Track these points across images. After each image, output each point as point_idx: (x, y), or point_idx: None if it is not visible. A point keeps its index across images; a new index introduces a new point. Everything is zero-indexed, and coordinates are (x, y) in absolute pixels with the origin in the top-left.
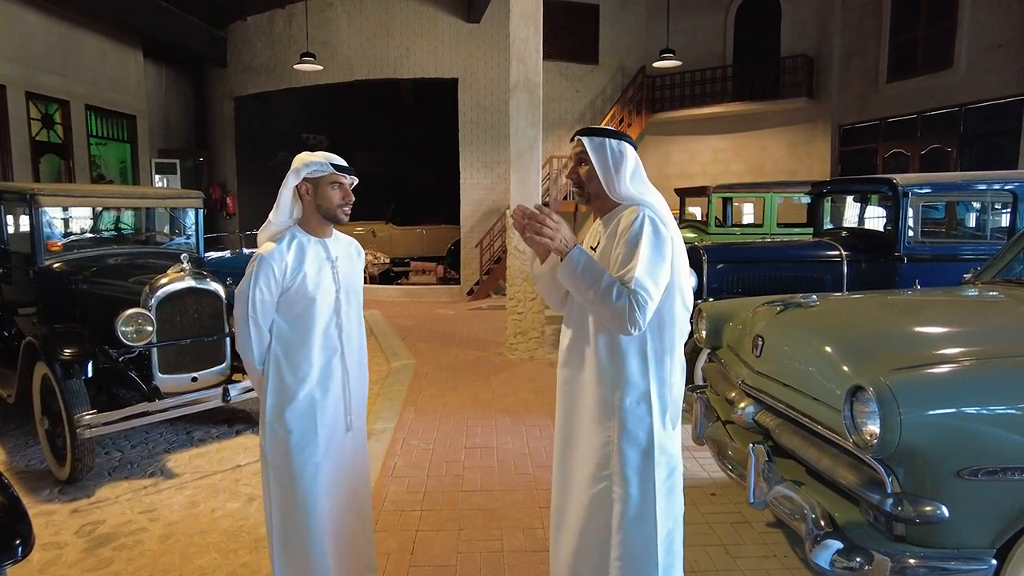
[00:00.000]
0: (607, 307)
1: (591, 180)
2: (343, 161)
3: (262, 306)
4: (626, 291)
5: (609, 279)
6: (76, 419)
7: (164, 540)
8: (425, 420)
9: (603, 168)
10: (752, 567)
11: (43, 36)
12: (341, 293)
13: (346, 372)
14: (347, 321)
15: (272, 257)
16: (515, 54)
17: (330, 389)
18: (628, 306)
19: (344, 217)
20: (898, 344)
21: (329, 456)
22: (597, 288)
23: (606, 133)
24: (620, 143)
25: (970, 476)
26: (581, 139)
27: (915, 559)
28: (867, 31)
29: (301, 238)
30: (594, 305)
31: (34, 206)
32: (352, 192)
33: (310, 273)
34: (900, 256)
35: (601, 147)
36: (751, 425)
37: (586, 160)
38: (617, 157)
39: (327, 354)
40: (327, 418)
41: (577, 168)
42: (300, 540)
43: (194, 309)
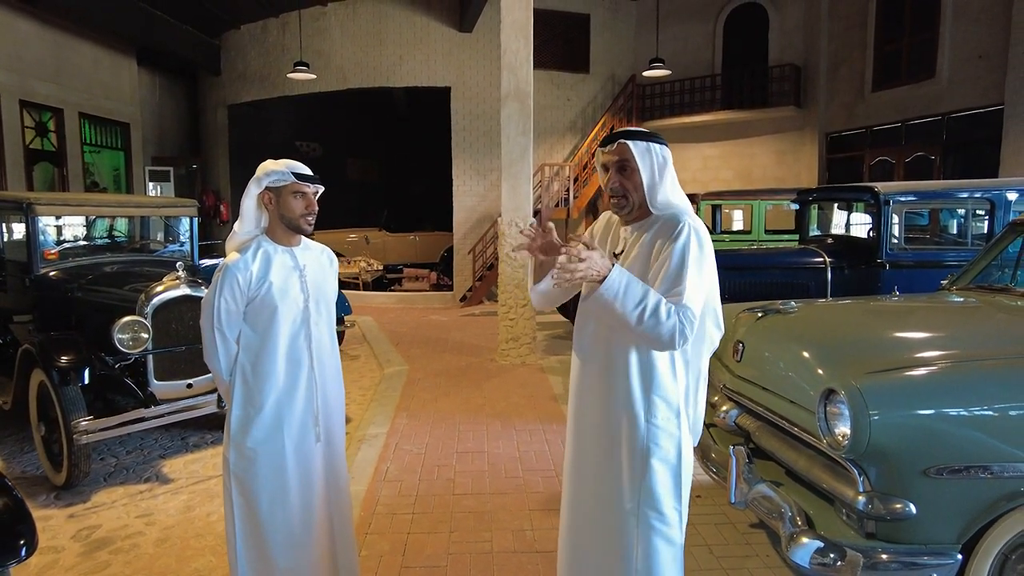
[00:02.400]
0: (657, 325)
1: (638, 188)
2: (306, 169)
3: (227, 316)
4: (675, 307)
5: (656, 296)
6: (73, 425)
7: (160, 544)
8: (417, 425)
9: (649, 175)
10: (734, 566)
11: (37, 45)
12: (310, 302)
13: (314, 382)
14: (316, 330)
15: (237, 267)
16: (506, 65)
17: (297, 399)
18: (679, 322)
19: (307, 227)
20: (871, 349)
21: (299, 467)
22: (644, 307)
23: (648, 136)
24: (662, 147)
25: (936, 475)
26: (626, 144)
27: (885, 555)
28: (853, 41)
29: (267, 247)
30: (640, 324)
31: (30, 215)
32: (316, 201)
33: (276, 282)
34: (882, 263)
35: (647, 152)
36: (733, 428)
37: (632, 167)
38: (661, 163)
39: (294, 364)
40: (294, 429)
41: (619, 176)
42: (263, 552)
43: (189, 316)
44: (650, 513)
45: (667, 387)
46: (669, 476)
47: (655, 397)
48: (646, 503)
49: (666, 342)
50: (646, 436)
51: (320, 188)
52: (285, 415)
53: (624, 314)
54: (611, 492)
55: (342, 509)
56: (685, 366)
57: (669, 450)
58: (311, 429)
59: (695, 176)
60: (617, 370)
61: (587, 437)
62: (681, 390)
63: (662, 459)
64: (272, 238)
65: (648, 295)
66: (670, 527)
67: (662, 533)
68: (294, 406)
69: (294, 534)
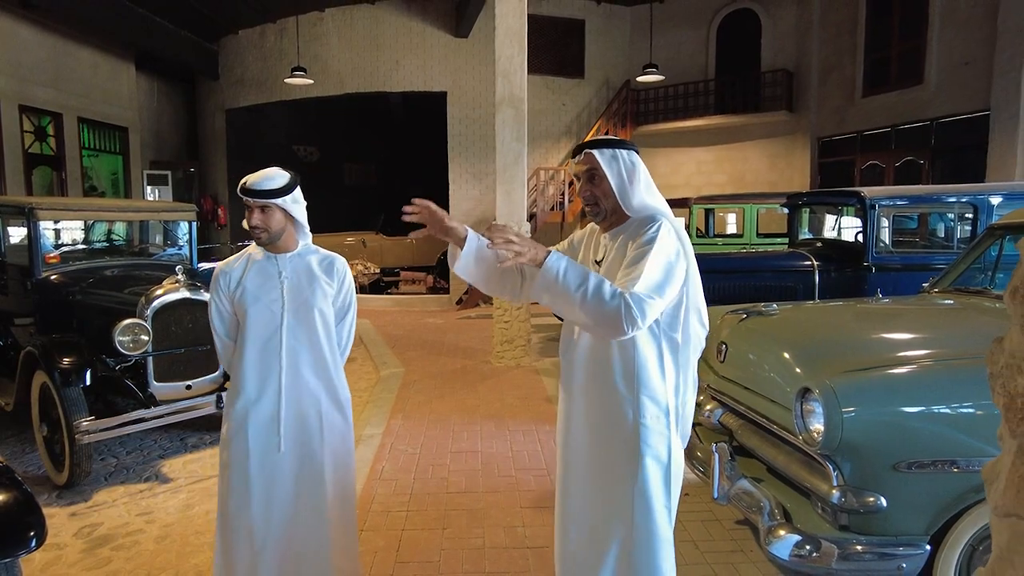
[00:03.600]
0: (599, 308)
1: (608, 195)
2: (260, 184)
3: (219, 316)
4: (621, 290)
5: (598, 279)
6: (75, 425)
7: (160, 540)
8: (413, 426)
9: (618, 181)
10: (719, 561)
11: (37, 50)
12: (286, 311)
13: (280, 392)
14: (292, 339)
15: (222, 271)
16: (500, 71)
17: (263, 405)
18: (624, 304)
19: (256, 239)
20: (846, 350)
21: (263, 474)
22: (585, 289)
23: (613, 144)
24: (629, 152)
25: (905, 469)
26: (592, 153)
27: (858, 546)
28: (843, 47)
29: (254, 253)
30: (583, 308)
31: (32, 219)
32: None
33: (249, 288)
34: (869, 266)
35: (614, 159)
36: (716, 426)
37: (599, 175)
38: (629, 167)
39: (264, 370)
40: (259, 435)
41: (589, 185)
42: (228, 547)
43: (188, 319)
44: (642, 511)
45: (655, 387)
46: (660, 474)
47: (643, 397)
48: (638, 502)
49: (614, 325)
50: (636, 436)
51: (265, 201)
52: (251, 419)
53: (566, 296)
54: (603, 491)
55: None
56: (673, 366)
57: (659, 449)
58: (273, 436)
59: (689, 180)
60: (604, 371)
61: (578, 438)
62: (670, 390)
63: (653, 458)
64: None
65: (589, 277)
66: (662, 525)
67: (654, 531)
68: (260, 412)
69: (260, 537)
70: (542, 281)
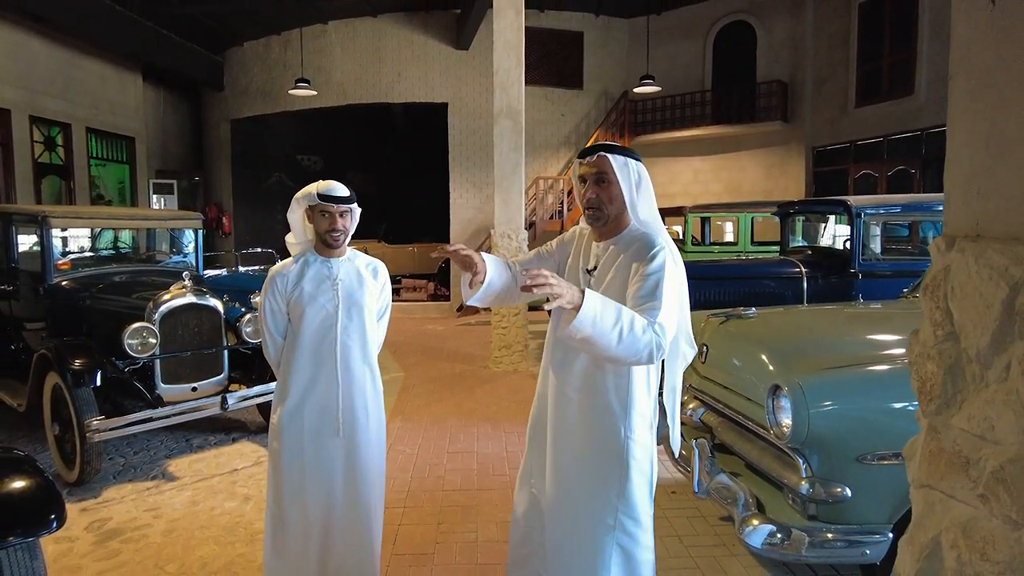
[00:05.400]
0: (635, 343)
1: (613, 201)
2: (336, 191)
3: (271, 315)
4: (648, 323)
5: (630, 313)
6: (86, 424)
7: (167, 534)
8: (411, 428)
9: (628, 190)
10: (703, 554)
11: (46, 62)
12: (341, 310)
13: (336, 381)
14: (346, 336)
15: (279, 273)
16: (498, 83)
17: (318, 392)
18: (654, 336)
19: (333, 242)
20: (818, 350)
21: (319, 463)
22: (621, 327)
23: (626, 152)
24: (639, 164)
25: (869, 461)
26: (606, 156)
27: (827, 534)
28: (836, 59)
29: (309, 257)
30: (619, 346)
31: (45, 227)
32: (345, 218)
33: (307, 288)
34: (856, 272)
35: (625, 167)
36: (698, 424)
37: (610, 179)
38: (637, 179)
39: (318, 365)
40: (312, 425)
41: (596, 187)
42: (283, 533)
43: (195, 323)
44: (628, 522)
45: (643, 402)
46: (645, 486)
47: (634, 414)
48: (624, 512)
49: (644, 358)
50: (626, 450)
51: (347, 207)
52: (306, 410)
53: (602, 337)
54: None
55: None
56: (658, 381)
57: (644, 461)
58: (331, 421)
59: (686, 189)
60: (600, 390)
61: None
62: (653, 404)
63: (639, 471)
64: (316, 249)
65: (622, 314)
66: (645, 533)
67: (639, 540)
68: (315, 397)
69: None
70: (579, 325)
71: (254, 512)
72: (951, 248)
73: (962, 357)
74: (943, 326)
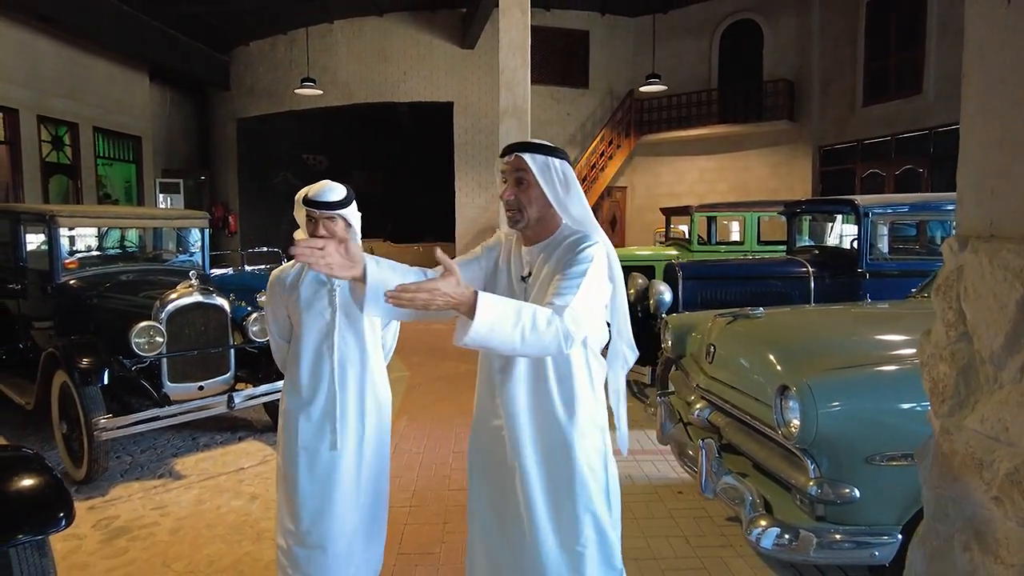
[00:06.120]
0: (538, 340)
1: (533, 204)
2: (324, 196)
3: (274, 319)
4: (553, 313)
5: (530, 309)
6: (94, 422)
7: (174, 533)
8: (417, 427)
9: (551, 190)
10: (709, 555)
11: (54, 62)
12: (338, 316)
13: (334, 394)
14: (343, 343)
15: (277, 278)
16: (504, 83)
17: (315, 406)
18: (560, 326)
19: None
20: (827, 350)
21: (314, 471)
22: (523, 326)
23: (549, 150)
24: (563, 163)
25: (878, 462)
26: (522, 156)
27: (835, 535)
28: (843, 57)
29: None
30: (523, 345)
31: (53, 226)
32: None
33: (304, 294)
34: (863, 272)
35: (547, 167)
36: (705, 425)
37: (529, 181)
38: (562, 178)
39: (315, 374)
40: (308, 434)
41: (515, 189)
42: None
43: (201, 322)
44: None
45: (590, 406)
46: (602, 491)
47: (582, 418)
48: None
49: (553, 351)
50: (576, 455)
51: (332, 213)
52: (302, 418)
53: (504, 341)
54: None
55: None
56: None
57: (596, 465)
58: (326, 437)
59: (692, 188)
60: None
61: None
62: (601, 407)
63: (594, 477)
64: None
65: (522, 311)
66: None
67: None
68: (312, 412)
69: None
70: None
71: (260, 511)
72: (964, 248)
73: (975, 358)
74: (956, 327)
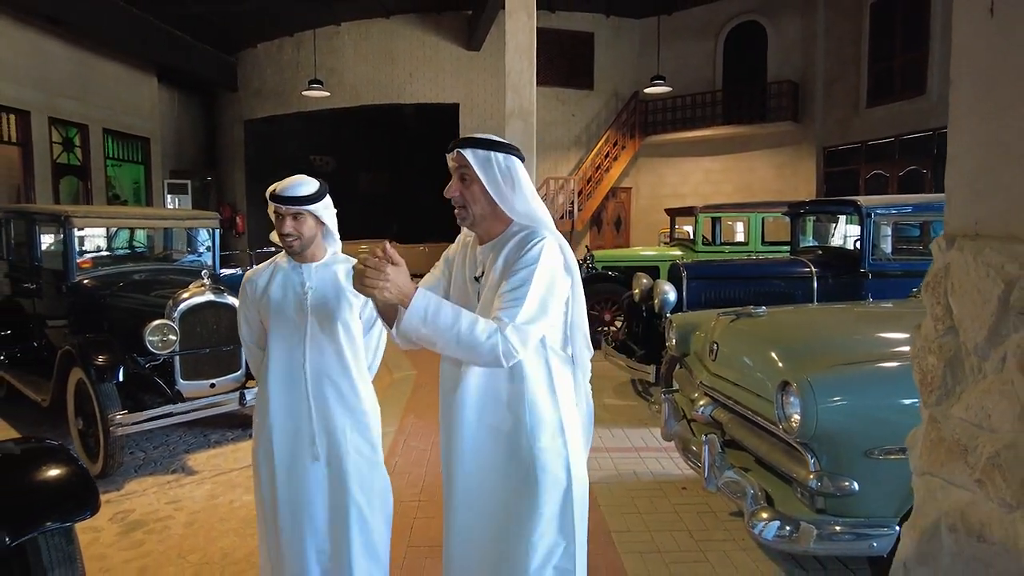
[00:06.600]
0: (475, 347)
1: (477, 201)
2: (288, 191)
3: (246, 323)
4: (496, 324)
5: (470, 318)
6: (109, 418)
7: (188, 526)
8: (424, 425)
9: (494, 186)
10: (712, 548)
11: (65, 64)
12: (310, 322)
13: (308, 404)
14: (317, 351)
15: (248, 279)
16: (511, 85)
17: (289, 419)
18: (501, 339)
19: (288, 247)
20: (827, 348)
21: (292, 485)
22: (458, 331)
23: (491, 145)
24: (508, 157)
25: (876, 456)
26: (463, 153)
27: (835, 527)
28: (847, 59)
29: (281, 261)
30: (458, 347)
31: (68, 227)
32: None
33: (274, 297)
34: (865, 272)
35: (487, 162)
36: (708, 421)
37: (470, 176)
38: (505, 173)
39: (288, 383)
40: (285, 450)
41: (460, 185)
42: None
43: (213, 321)
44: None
45: (546, 408)
46: (559, 498)
47: (535, 421)
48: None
49: (491, 362)
50: (532, 461)
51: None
52: (277, 423)
53: (436, 339)
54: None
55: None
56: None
57: (558, 470)
58: (307, 446)
59: (697, 189)
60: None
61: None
62: (564, 407)
63: (552, 483)
64: (288, 253)
65: (460, 317)
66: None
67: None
68: (286, 419)
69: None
70: (408, 321)
71: None
72: (951, 247)
73: (961, 350)
74: (943, 321)
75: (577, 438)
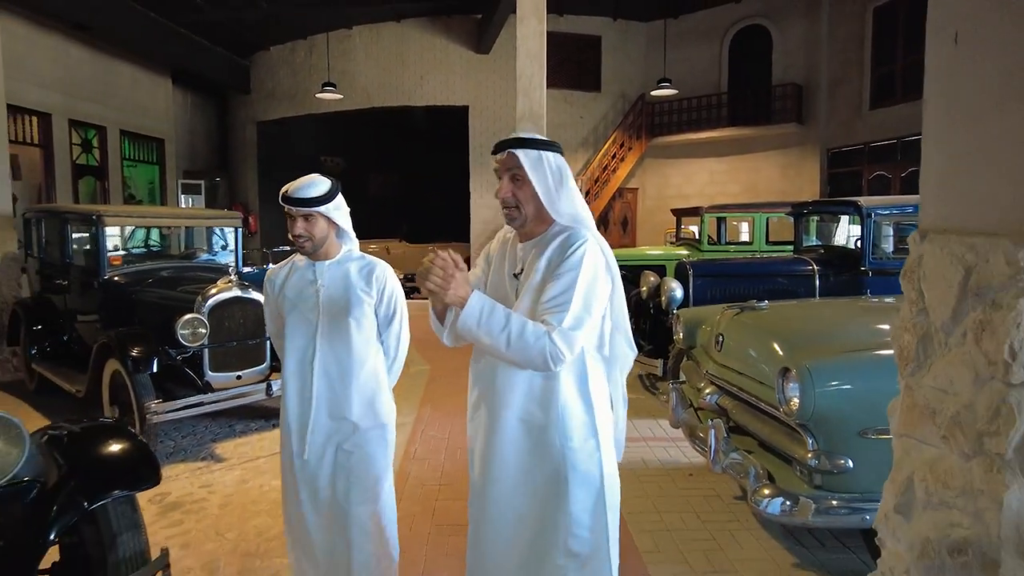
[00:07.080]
0: (525, 351)
1: (529, 201)
2: (298, 193)
3: (270, 319)
4: (545, 328)
5: (520, 320)
6: (146, 407)
7: (223, 507)
8: (440, 415)
9: (544, 187)
10: (718, 528)
11: (84, 68)
12: (322, 319)
13: (308, 401)
14: (326, 347)
15: (268, 277)
16: (521, 89)
17: (299, 411)
18: (549, 343)
19: (300, 247)
20: (824, 338)
21: (303, 475)
22: (508, 334)
23: (542, 145)
24: (557, 156)
25: (869, 435)
26: (515, 153)
27: (832, 501)
28: (851, 61)
29: (297, 260)
30: (509, 351)
31: (100, 225)
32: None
33: (289, 295)
34: (866, 270)
35: (539, 162)
36: (714, 407)
37: (523, 178)
38: (556, 172)
39: (301, 377)
40: (291, 439)
41: (511, 186)
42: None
43: (240, 315)
44: (575, 539)
45: (578, 408)
46: (591, 498)
47: (567, 420)
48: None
49: (539, 365)
50: (564, 461)
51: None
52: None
53: (488, 340)
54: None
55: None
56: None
57: (591, 470)
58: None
59: (702, 190)
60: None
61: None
62: (599, 407)
63: (583, 482)
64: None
65: (511, 320)
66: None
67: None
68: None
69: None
70: (463, 324)
71: None
72: (924, 240)
73: (931, 328)
74: (917, 304)
75: (609, 439)
